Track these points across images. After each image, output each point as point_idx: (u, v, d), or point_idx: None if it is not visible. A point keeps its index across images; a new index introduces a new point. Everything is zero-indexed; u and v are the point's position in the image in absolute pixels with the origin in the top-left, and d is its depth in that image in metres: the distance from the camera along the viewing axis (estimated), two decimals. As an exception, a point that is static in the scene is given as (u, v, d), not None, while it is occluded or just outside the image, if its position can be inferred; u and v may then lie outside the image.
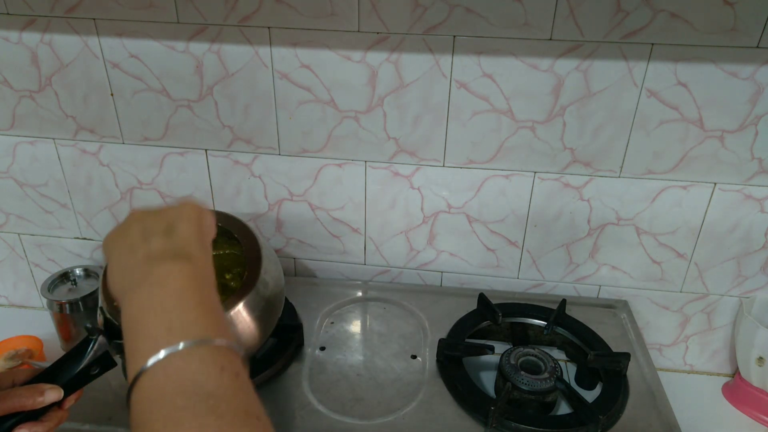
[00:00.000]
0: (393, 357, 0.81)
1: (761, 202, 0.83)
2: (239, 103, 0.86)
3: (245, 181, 0.92)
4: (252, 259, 0.73)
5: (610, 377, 0.76)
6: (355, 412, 0.72)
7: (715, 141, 0.80)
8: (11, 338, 0.95)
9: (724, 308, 0.92)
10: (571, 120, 0.81)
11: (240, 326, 0.68)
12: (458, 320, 0.86)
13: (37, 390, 0.51)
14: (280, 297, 0.76)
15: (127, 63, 0.84)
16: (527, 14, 0.74)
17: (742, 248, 0.87)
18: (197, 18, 0.80)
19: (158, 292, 0.43)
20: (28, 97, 0.89)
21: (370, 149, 0.87)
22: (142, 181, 0.94)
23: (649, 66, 0.76)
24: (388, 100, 0.83)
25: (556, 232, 0.90)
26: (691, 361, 0.98)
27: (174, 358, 0.39)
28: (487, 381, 0.79)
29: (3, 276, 1.08)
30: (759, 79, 0.75)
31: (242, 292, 0.69)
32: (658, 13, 0.72)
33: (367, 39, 0.79)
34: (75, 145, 0.92)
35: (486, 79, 0.79)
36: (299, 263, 1.00)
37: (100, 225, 1.00)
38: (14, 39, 0.84)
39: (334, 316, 0.89)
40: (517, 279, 0.96)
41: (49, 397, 0.51)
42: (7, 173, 0.96)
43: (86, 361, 0.55)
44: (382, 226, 0.94)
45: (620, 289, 0.94)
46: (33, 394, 0.51)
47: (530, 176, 0.86)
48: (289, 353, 0.80)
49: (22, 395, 0.50)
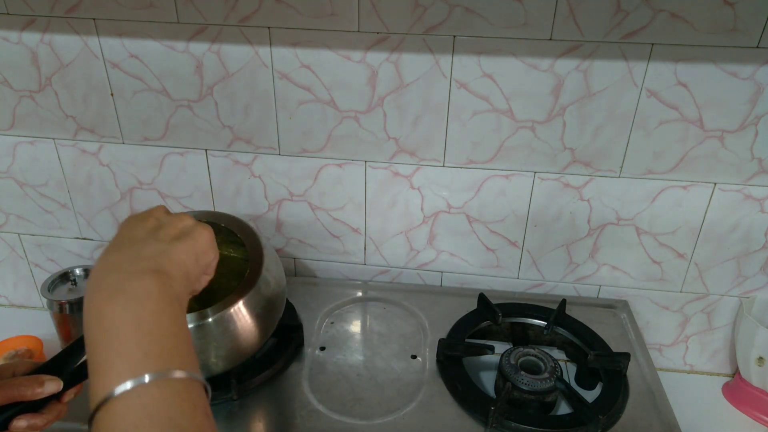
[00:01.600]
0: (393, 357, 0.81)
1: (761, 202, 0.83)
2: (239, 103, 0.86)
3: (245, 181, 0.92)
4: (254, 257, 0.73)
5: (610, 377, 0.76)
6: (355, 412, 0.72)
7: (715, 141, 0.80)
8: (11, 338, 0.95)
9: (724, 308, 0.92)
10: (571, 120, 0.81)
11: (240, 324, 0.68)
12: (458, 320, 0.86)
13: (36, 381, 0.51)
14: (281, 297, 0.76)
15: (127, 63, 0.84)
16: (527, 14, 0.74)
17: (742, 248, 0.87)
18: (197, 18, 0.80)
19: (135, 308, 0.41)
20: (28, 97, 0.89)
21: (370, 149, 0.87)
22: (142, 181, 0.94)
23: (649, 66, 0.76)
24: (388, 100, 0.83)
25: (556, 232, 0.90)
26: (691, 361, 0.98)
27: (150, 387, 0.38)
28: (487, 381, 0.79)
29: (3, 276, 1.08)
30: (759, 79, 0.75)
31: (243, 289, 0.69)
32: (658, 13, 0.72)
33: (367, 39, 0.79)
34: (75, 145, 0.92)
35: (486, 79, 0.79)
36: (299, 263, 1.00)
37: (100, 225, 1.00)
38: (14, 39, 0.84)
39: (334, 316, 0.89)
40: (517, 279, 0.96)
41: (48, 388, 0.51)
42: (7, 173, 0.96)
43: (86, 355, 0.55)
44: (382, 226, 0.94)
45: (620, 289, 0.94)
46: (33, 384, 0.51)
47: (530, 176, 0.86)
48: (289, 353, 0.80)
49: (22, 384, 0.50)
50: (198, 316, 0.65)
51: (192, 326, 0.65)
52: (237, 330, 0.68)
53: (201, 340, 0.66)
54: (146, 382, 0.38)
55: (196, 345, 0.65)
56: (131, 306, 0.41)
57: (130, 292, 0.42)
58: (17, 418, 0.50)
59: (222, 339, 0.67)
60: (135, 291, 0.42)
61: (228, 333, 0.67)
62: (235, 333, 0.68)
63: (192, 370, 0.41)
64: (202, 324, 0.65)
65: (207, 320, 0.66)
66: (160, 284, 0.43)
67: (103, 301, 0.42)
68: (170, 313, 0.43)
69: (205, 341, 0.67)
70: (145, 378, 0.38)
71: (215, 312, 0.66)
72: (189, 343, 0.44)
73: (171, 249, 0.47)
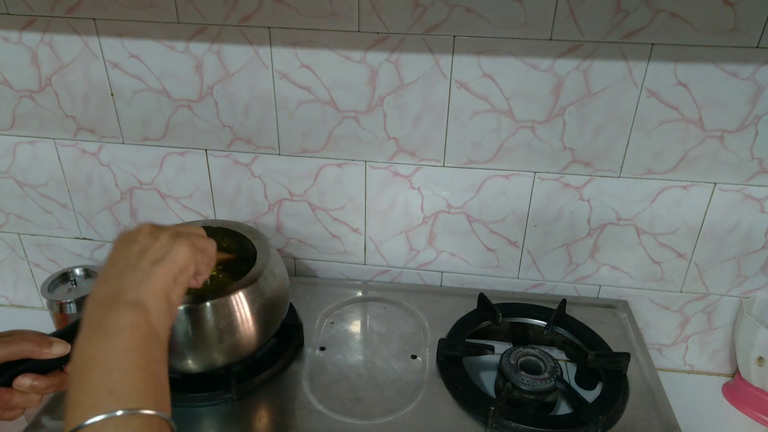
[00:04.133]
0: (393, 357, 0.81)
1: (761, 202, 0.83)
2: (239, 103, 0.86)
3: (245, 181, 0.92)
4: (260, 255, 0.75)
5: (610, 377, 0.76)
6: (355, 412, 0.72)
7: (715, 141, 0.80)
8: (11, 338, 0.95)
9: (724, 308, 0.92)
10: (571, 120, 0.81)
11: (239, 315, 0.69)
12: (458, 320, 0.86)
13: (46, 340, 0.52)
14: (284, 297, 0.77)
15: (127, 63, 0.84)
16: (527, 14, 0.74)
17: (742, 248, 0.87)
18: (197, 18, 0.80)
19: (106, 344, 0.43)
20: (28, 97, 0.89)
21: (370, 149, 0.87)
22: (142, 181, 0.94)
23: (649, 66, 0.76)
24: (388, 100, 0.83)
25: (556, 232, 0.90)
26: (691, 361, 0.98)
27: (111, 426, 0.39)
28: (487, 381, 0.79)
29: (3, 276, 1.08)
30: (759, 79, 0.75)
31: (245, 281, 0.70)
32: (658, 13, 0.72)
33: (367, 39, 0.79)
34: (75, 145, 0.92)
35: (486, 79, 0.79)
36: (299, 263, 1.00)
37: (100, 225, 1.00)
38: (14, 39, 0.84)
39: (334, 316, 0.89)
40: (517, 279, 0.96)
41: (56, 349, 0.52)
42: (7, 173, 0.96)
43: None
44: (382, 226, 0.94)
45: (620, 289, 0.94)
46: (41, 343, 0.52)
47: (530, 176, 0.86)
48: (289, 353, 0.80)
49: (32, 341, 0.51)
50: (197, 299, 0.66)
51: (191, 311, 0.66)
52: (236, 321, 0.68)
53: (200, 327, 0.67)
54: (107, 419, 0.39)
55: (195, 333, 0.66)
56: (103, 343, 0.43)
57: (104, 329, 0.44)
58: (23, 375, 0.51)
59: (221, 328, 0.68)
60: (108, 327, 0.44)
61: (227, 322, 0.68)
62: (235, 323, 0.68)
63: (159, 407, 0.42)
64: (201, 308, 0.66)
65: (205, 305, 0.66)
66: (134, 318, 0.45)
67: (82, 338, 0.44)
68: (141, 348, 0.44)
69: (204, 329, 0.67)
70: (106, 416, 0.39)
71: (214, 298, 0.67)
72: (159, 377, 0.44)
73: (151, 276, 0.48)
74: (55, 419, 0.70)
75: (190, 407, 0.72)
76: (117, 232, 0.53)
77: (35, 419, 0.70)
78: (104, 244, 1.02)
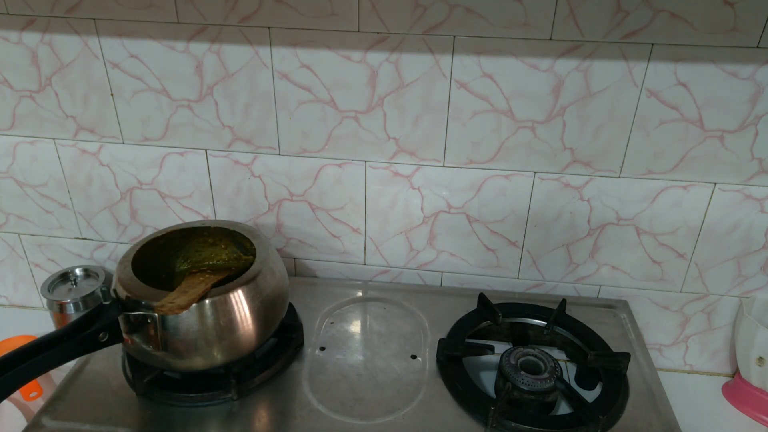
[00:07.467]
0: (393, 357, 0.81)
1: (761, 202, 0.83)
2: (239, 103, 0.86)
3: (245, 181, 0.92)
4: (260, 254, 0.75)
5: (610, 377, 0.76)
6: (355, 412, 0.72)
7: (715, 141, 0.80)
8: (11, 338, 0.95)
9: (724, 308, 0.92)
10: (571, 120, 0.81)
11: (238, 313, 0.69)
12: (458, 320, 0.86)
13: None
14: (283, 297, 0.77)
15: (127, 63, 0.84)
16: (527, 14, 0.74)
17: (742, 248, 0.87)
18: (197, 18, 0.80)
19: None
20: (28, 97, 0.89)
21: (370, 149, 0.87)
22: (142, 181, 0.94)
23: (649, 66, 0.76)
24: (388, 100, 0.83)
25: (556, 232, 0.90)
26: (691, 361, 0.98)
27: None
28: (487, 381, 0.79)
29: (3, 276, 1.08)
30: (759, 79, 0.75)
31: (244, 279, 0.70)
32: (658, 13, 0.72)
33: (367, 39, 0.79)
34: (75, 145, 0.92)
35: (486, 79, 0.79)
36: (299, 263, 1.00)
37: (100, 225, 1.00)
38: (14, 39, 0.84)
39: (334, 316, 0.89)
40: (517, 279, 0.96)
41: None
42: (7, 173, 0.96)
43: (97, 325, 0.59)
44: (382, 226, 0.94)
45: (620, 289, 0.94)
46: None
47: (530, 176, 0.86)
48: (289, 353, 0.80)
49: None
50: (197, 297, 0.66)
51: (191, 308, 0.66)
52: (236, 318, 0.69)
53: (200, 324, 0.67)
54: None
55: (195, 330, 0.67)
56: None
57: None
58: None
59: (220, 325, 0.68)
60: None
61: (226, 319, 0.68)
62: (234, 321, 0.69)
63: None
64: (201, 306, 0.66)
65: (205, 302, 0.67)
66: None
67: None
68: None
69: (204, 326, 0.67)
70: None
71: (214, 295, 0.67)
72: None
73: None
74: (55, 419, 0.70)
75: (190, 407, 0.72)
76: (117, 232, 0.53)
77: (35, 419, 0.70)
78: (104, 244, 1.02)
